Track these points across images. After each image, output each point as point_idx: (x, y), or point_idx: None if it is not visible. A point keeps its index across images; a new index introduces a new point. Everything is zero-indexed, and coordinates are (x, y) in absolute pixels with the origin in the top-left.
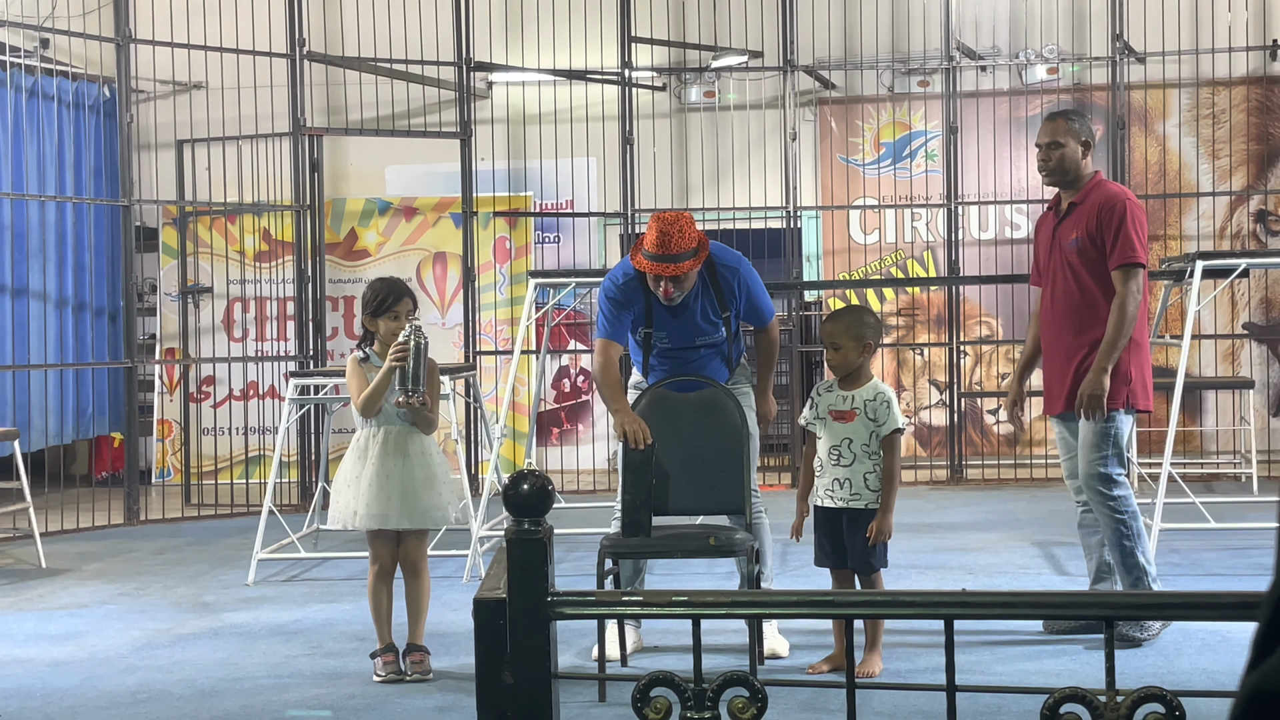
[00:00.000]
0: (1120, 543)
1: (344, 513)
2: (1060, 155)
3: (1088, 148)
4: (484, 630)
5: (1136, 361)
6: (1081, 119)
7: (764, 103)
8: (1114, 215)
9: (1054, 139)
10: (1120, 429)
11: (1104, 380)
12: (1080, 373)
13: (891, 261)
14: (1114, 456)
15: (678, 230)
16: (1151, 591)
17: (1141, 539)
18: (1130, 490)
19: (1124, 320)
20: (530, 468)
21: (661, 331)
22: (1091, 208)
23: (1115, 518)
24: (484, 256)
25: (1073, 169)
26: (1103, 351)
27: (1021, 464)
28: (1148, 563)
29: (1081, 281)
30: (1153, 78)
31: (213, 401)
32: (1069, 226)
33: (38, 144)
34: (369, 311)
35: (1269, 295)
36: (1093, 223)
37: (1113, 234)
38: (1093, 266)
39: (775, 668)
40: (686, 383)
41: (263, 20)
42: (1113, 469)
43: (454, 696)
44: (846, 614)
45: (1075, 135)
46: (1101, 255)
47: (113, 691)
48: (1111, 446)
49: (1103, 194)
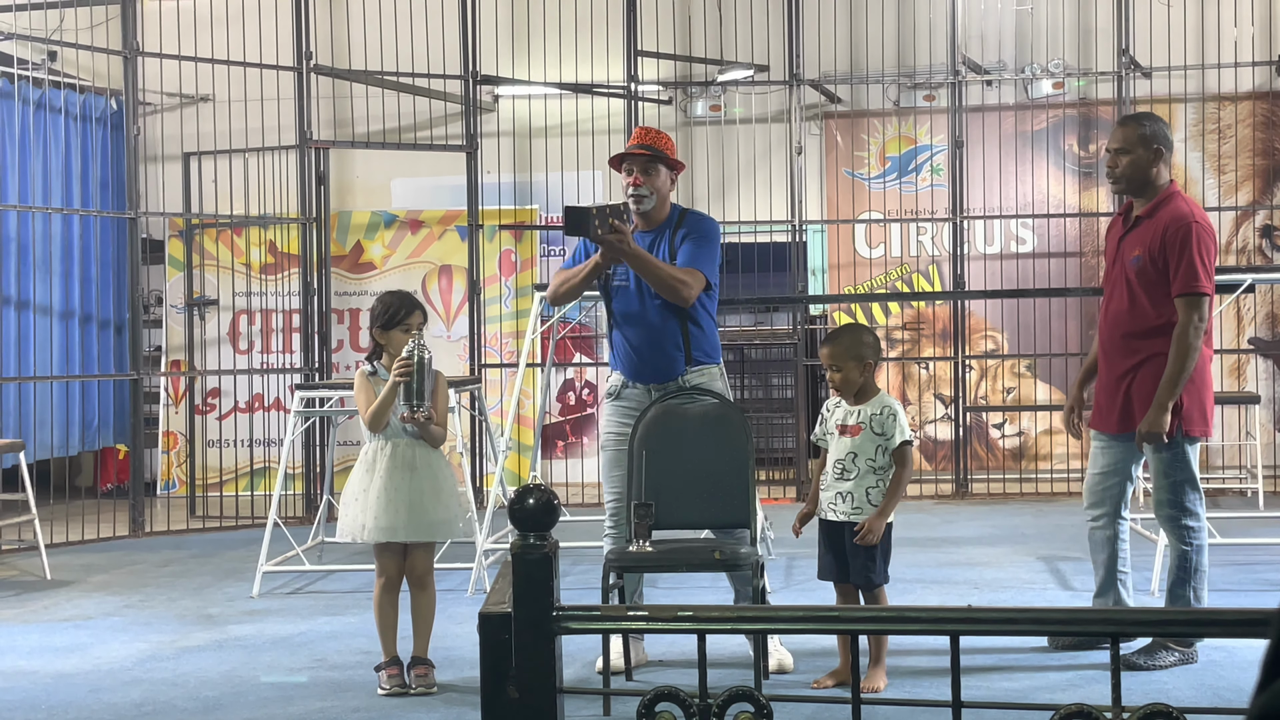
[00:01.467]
0: (1177, 572)
1: (352, 526)
2: (1129, 162)
3: (1160, 155)
4: (489, 644)
5: (1192, 389)
6: (1155, 124)
7: (769, 116)
8: (1179, 238)
9: (1122, 145)
10: (1188, 453)
11: (1164, 419)
12: (1129, 397)
13: (897, 275)
14: (1186, 484)
15: (662, 139)
16: (1155, 608)
17: (1199, 575)
18: (1203, 523)
19: (1186, 352)
20: (535, 481)
21: (620, 267)
22: (1158, 225)
23: (1180, 547)
24: (489, 269)
25: (1141, 178)
26: (1164, 387)
27: (1027, 478)
28: (1197, 599)
29: (1136, 301)
30: (1159, 92)
31: (218, 414)
32: (1133, 241)
33: (44, 156)
34: (379, 324)
35: (1275, 310)
36: (1157, 242)
37: (1177, 258)
38: (1151, 287)
39: (780, 683)
40: (690, 397)
41: (269, 33)
42: (1185, 497)
43: (458, 710)
44: (852, 629)
45: (1146, 142)
46: (1162, 277)
47: (117, 704)
48: (1181, 473)
49: (1171, 211)
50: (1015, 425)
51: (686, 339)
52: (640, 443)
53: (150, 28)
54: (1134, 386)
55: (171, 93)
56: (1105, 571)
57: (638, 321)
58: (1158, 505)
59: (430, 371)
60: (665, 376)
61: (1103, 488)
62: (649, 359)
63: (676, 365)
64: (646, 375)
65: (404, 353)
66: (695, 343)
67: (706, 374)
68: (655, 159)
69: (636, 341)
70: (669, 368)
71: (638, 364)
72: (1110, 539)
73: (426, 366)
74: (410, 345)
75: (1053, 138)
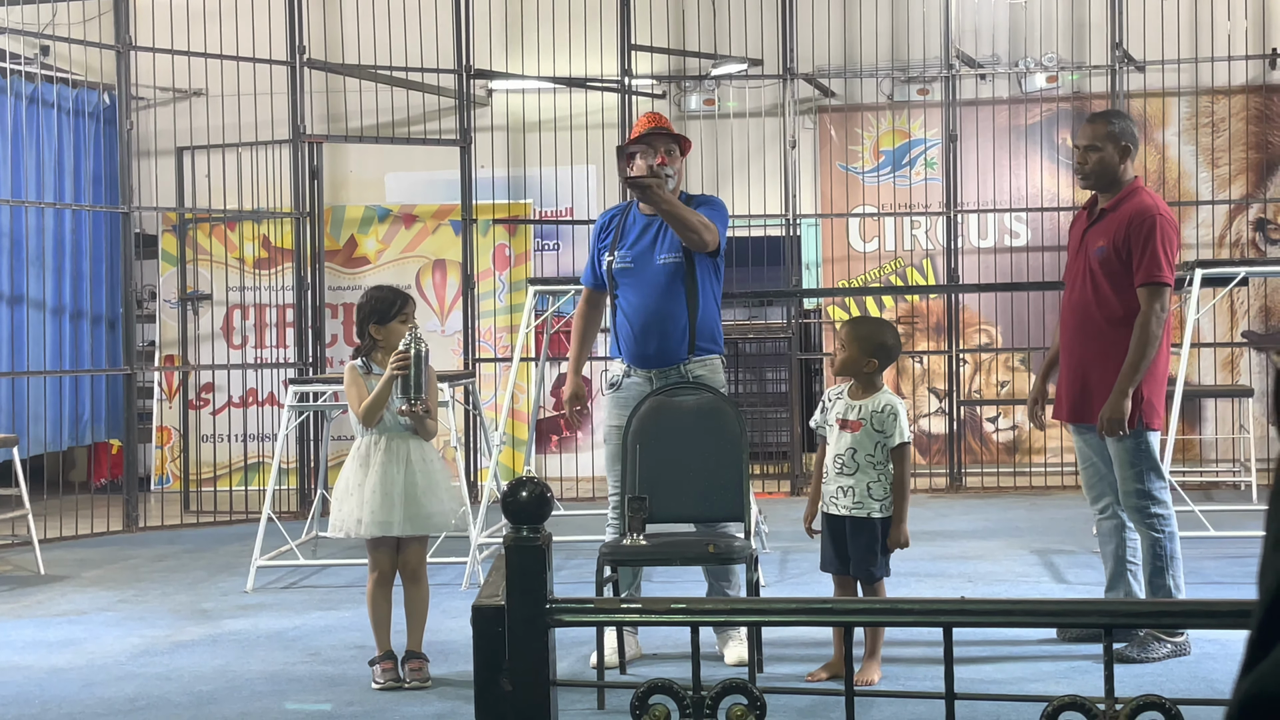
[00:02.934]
0: (1152, 561)
1: (347, 520)
2: (1098, 159)
3: (1127, 153)
4: (483, 637)
5: (1151, 381)
6: (1124, 121)
7: (764, 110)
8: (1143, 229)
9: (1091, 142)
10: (1150, 441)
11: (1124, 404)
12: (1087, 386)
13: (891, 269)
14: (1150, 471)
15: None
16: (1150, 600)
17: (1174, 562)
18: (1171, 510)
19: (1147, 341)
20: (529, 475)
21: (625, 251)
22: (1122, 217)
23: (1151, 535)
24: (483, 264)
25: (1109, 174)
26: (1124, 373)
27: (1021, 472)
28: (1176, 588)
29: (1100, 291)
30: (1152, 86)
31: (212, 408)
32: (1097, 233)
33: (37, 150)
34: (376, 319)
35: (1268, 303)
36: (1121, 233)
37: (1140, 249)
38: (1115, 278)
39: (773, 675)
40: (685, 389)
41: (263, 27)
42: (1151, 485)
43: (452, 704)
44: (846, 621)
45: (1114, 139)
46: (1125, 268)
47: (111, 699)
48: (1145, 462)
49: (1135, 205)
50: (1009, 419)
51: (693, 321)
52: (634, 436)
53: (143, 22)
54: (1094, 376)
55: (164, 87)
56: (1115, 563)
57: (642, 302)
58: (1124, 495)
59: (427, 364)
60: (667, 360)
61: (1097, 478)
62: (653, 340)
63: (680, 349)
64: (649, 359)
65: (401, 345)
66: (702, 326)
67: (709, 365)
68: (674, 140)
69: (640, 322)
70: (672, 351)
71: (641, 346)
72: (1117, 528)
73: (424, 359)
74: (407, 338)
75: (1046, 131)
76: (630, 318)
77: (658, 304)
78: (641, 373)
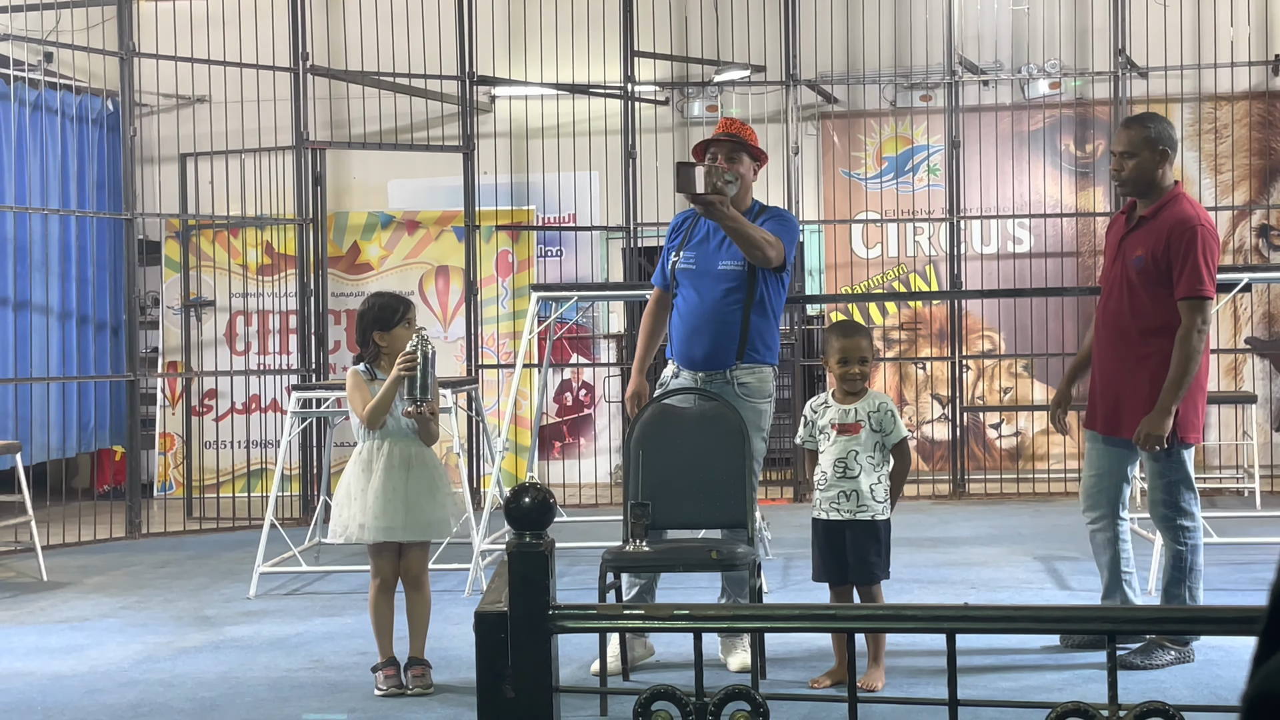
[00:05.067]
0: (1172, 571)
1: (349, 526)
2: (1135, 165)
3: (1165, 157)
4: (485, 644)
5: (1189, 395)
6: (1160, 125)
7: (766, 117)
8: (1184, 240)
9: (1127, 148)
10: (1184, 455)
11: (1166, 421)
12: (1120, 398)
13: (894, 275)
14: (1181, 484)
15: (746, 130)
16: (1152, 606)
17: (1195, 574)
18: (1199, 523)
19: (1189, 356)
20: (532, 481)
21: (690, 253)
22: (1162, 226)
23: (1175, 547)
24: (486, 270)
25: (1147, 180)
26: (1167, 390)
27: (1024, 478)
28: (1193, 599)
29: (1137, 301)
30: (1155, 92)
31: (215, 415)
32: (1136, 241)
33: (41, 157)
34: (380, 326)
35: (1272, 310)
36: (1160, 244)
37: (1181, 261)
38: (1152, 288)
39: (776, 682)
40: (689, 395)
41: (266, 34)
42: (1181, 497)
43: (455, 710)
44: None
45: (1151, 144)
46: (1164, 278)
47: (114, 705)
48: (1177, 473)
49: (1176, 213)
50: (1012, 425)
51: (745, 327)
52: (637, 443)
53: (146, 29)
54: (1128, 387)
55: (168, 94)
56: (1109, 573)
57: (697, 303)
58: (1153, 505)
59: (434, 365)
60: (714, 364)
61: (1098, 489)
62: (701, 342)
63: (728, 355)
64: (695, 361)
65: (408, 346)
66: (755, 333)
67: (758, 374)
68: (739, 147)
69: (694, 323)
70: (720, 355)
71: (690, 346)
72: (1111, 540)
73: (431, 360)
74: (414, 340)
75: (1049, 138)
76: (684, 318)
77: (712, 308)
78: (689, 374)
